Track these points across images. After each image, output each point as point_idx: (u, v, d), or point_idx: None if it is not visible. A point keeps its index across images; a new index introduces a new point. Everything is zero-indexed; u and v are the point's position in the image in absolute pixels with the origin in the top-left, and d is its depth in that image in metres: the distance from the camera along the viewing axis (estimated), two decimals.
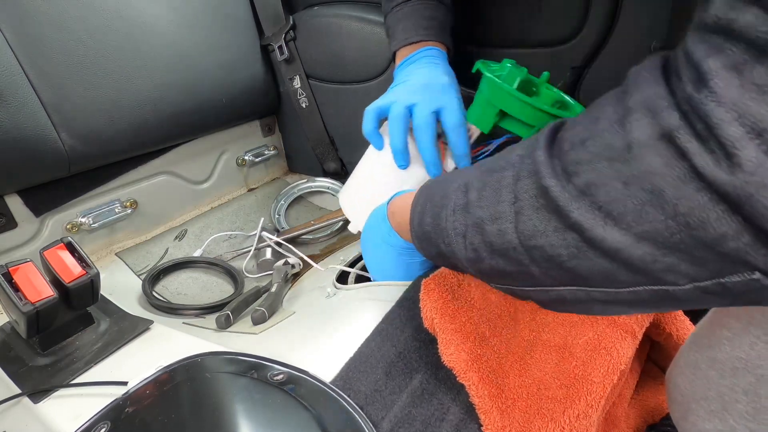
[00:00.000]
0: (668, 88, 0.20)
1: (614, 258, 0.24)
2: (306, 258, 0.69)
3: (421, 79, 0.55)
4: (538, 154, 0.26)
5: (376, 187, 0.57)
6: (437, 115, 0.52)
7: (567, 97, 0.54)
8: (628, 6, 0.62)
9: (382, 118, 0.56)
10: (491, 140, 0.54)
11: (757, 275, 0.19)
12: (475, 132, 0.54)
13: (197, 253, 0.74)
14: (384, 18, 0.66)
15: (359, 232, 0.59)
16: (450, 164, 0.54)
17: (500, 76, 0.50)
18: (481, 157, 0.55)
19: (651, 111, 0.20)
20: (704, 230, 0.19)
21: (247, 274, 0.72)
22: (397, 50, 0.61)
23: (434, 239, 0.35)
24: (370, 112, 0.55)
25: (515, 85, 0.50)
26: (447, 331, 0.37)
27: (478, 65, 0.51)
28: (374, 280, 0.54)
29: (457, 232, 0.32)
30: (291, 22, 0.81)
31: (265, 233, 0.77)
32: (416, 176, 0.54)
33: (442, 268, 0.42)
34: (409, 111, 0.52)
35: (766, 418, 0.29)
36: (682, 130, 0.19)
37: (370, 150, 0.58)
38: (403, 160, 0.53)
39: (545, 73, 0.53)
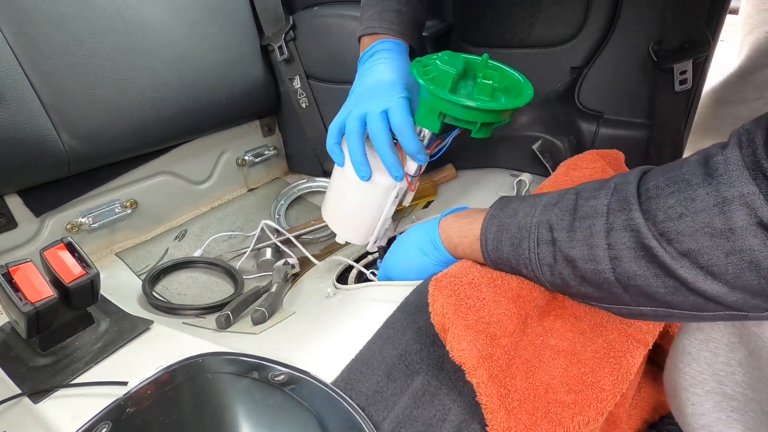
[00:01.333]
0: (759, 188, 0.26)
1: (709, 299, 0.30)
2: (308, 254, 0.69)
3: (371, 80, 0.55)
4: (635, 216, 0.32)
5: (347, 201, 0.57)
6: (386, 116, 0.51)
7: (510, 71, 0.52)
8: (628, 6, 0.63)
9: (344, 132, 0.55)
10: (447, 133, 0.53)
11: None
12: (428, 132, 0.52)
13: (197, 253, 0.74)
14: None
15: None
16: (411, 165, 0.53)
17: (433, 77, 0.48)
18: (440, 152, 0.54)
19: (748, 206, 0.27)
20: None
21: (247, 274, 0.72)
22: (360, 36, 0.61)
23: (514, 264, 0.41)
24: (332, 128, 0.55)
25: (448, 85, 0.48)
26: (459, 327, 0.37)
27: (412, 67, 0.50)
28: (372, 249, 0.55)
29: (543, 263, 0.38)
30: (291, 22, 0.81)
31: (269, 222, 0.77)
32: (381, 184, 0.54)
33: (451, 269, 0.42)
34: (363, 120, 0.51)
35: (760, 386, 0.35)
36: None
37: (338, 169, 0.57)
38: (364, 173, 0.52)
39: (484, 55, 0.50)
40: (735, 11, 0.73)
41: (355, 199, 0.56)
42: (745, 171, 0.27)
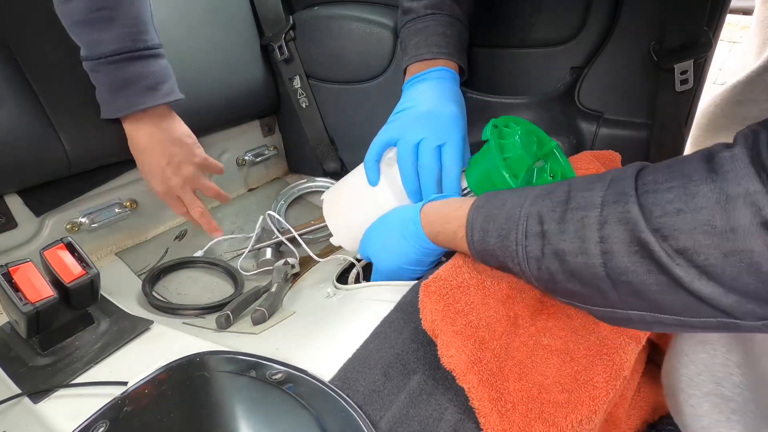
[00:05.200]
0: (764, 187, 0.25)
1: (703, 301, 0.29)
2: (310, 252, 0.69)
3: (427, 105, 0.53)
4: (632, 208, 0.30)
5: (362, 216, 0.56)
6: (440, 150, 0.51)
7: (570, 169, 0.51)
8: (628, 6, 0.62)
9: (385, 149, 0.55)
10: None
11: None
12: (470, 191, 0.52)
13: (199, 254, 0.74)
14: (398, 31, 0.64)
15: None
16: None
17: (508, 158, 0.47)
18: None
19: (753, 205, 0.25)
20: None
21: (247, 274, 0.72)
22: (407, 66, 0.60)
23: (500, 256, 0.39)
24: (376, 145, 0.54)
25: (521, 176, 0.46)
26: (447, 333, 0.37)
27: (490, 134, 0.48)
28: (374, 272, 0.54)
29: (530, 256, 0.36)
30: (291, 22, 0.81)
31: (272, 213, 0.77)
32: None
33: (441, 271, 0.42)
34: (416, 148, 0.51)
35: (758, 387, 0.34)
36: None
37: (361, 175, 0.56)
38: (416, 200, 0.53)
39: (554, 143, 0.49)
40: (748, 11, 0.72)
41: (367, 216, 0.56)
42: (750, 169, 0.26)
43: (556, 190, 0.36)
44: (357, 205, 0.57)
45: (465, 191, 0.52)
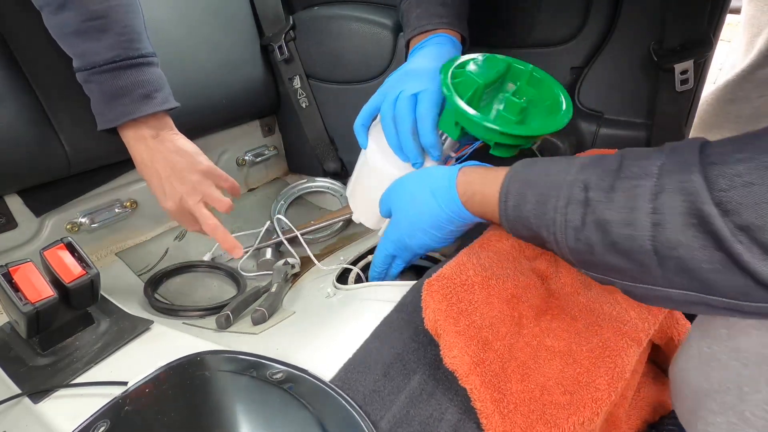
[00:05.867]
0: None
1: (760, 282, 0.26)
2: (310, 254, 0.69)
3: (411, 66, 0.53)
4: (695, 177, 0.28)
5: (364, 184, 0.58)
6: (415, 99, 0.50)
7: (556, 88, 0.48)
8: (628, 6, 0.62)
9: (375, 115, 0.55)
10: (472, 141, 0.51)
11: None
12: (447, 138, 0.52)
13: (207, 257, 0.74)
14: (398, 6, 0.64)
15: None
16: (427, 161, 0.52)
17: (459, 81, 0.46)
18: (463, 158, 0.52)
19: None
20: None
21: (249, 275, 0.72)
22: (410, 39, 0.60)
23: (534, 225, 0.37)
24: (364, 110, 0.55)
25: (467, 94, 0.45)
26: (450, 334, 0.37)
27: (443, 66, 0.47)
28: (389, 229, 0.52)
29: (569, 225, 0.34)
30: (291, 22, 0.81)
31: (281, 217, 0.77)
32: (392, 174, 0.53)
33: (445, 269, 0.41)
34: (395, 101, 0.51)
35: None
36: None
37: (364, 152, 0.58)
38: (400, 154, 0.51)
39: (529, 66, 0.47)
40: (736, 11, 0.73)
41: (371, 185, 0.56)
42: None
43: (606, 158, 0.34)
44: (360, 175, 0.59)
45: (444, 139, 0.52)
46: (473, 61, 0.49)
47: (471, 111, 0.44)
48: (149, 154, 0.58)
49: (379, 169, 0.54)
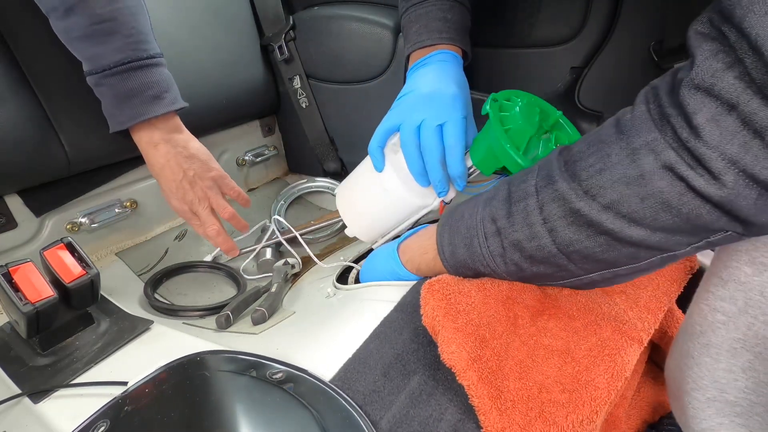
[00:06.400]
0: (662, 134, 0.29)
1: (638, 245, 0.33)
2: (311, 254, 0.69)
3: (428, 88, 0.53)
4: (559, 186, 0.34)
5: (372, 205, 0.57)
6: (441, 130, 0.50)
7: (577, 136, 0.50)
8: (628, 6, 0.62)
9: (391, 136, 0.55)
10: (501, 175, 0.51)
11: (730, 232, 0.30)
12: (475, 169, 0.51)
13: (208, 258, 0.74)
14: (400, 19, 0.63)
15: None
16: (450, 191, 0.52)
17: (509, 129, 0.46)
18: (488, 188, 0.52)
19: (653, 151, 0.29)
20: (699, 219, 0.30)
21: (250, 278, 0.72)
22: (410, 53, 0.59)
23: (471, 264, 0.43)
24: (380, 131, 0.54)
25: (523, 146, 0.46)
26: (448, 330, 0.37)
27: (490, 108, 0.46)
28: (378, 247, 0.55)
29: (494, 254, 0.40)
30: (291, 22, 0.81)
31: (278, 218, 0.77)
32: (413, 202, 0.54)
33: (443, 275, 0.43)
34: (418, 130, 0.51)
35: (765, 390, 0.35)
36: (678, 164, 0.28)
37: (369, 165, 0.56)
38: (423, 182, 0.52)
39: (558, 113, 0.49)
40: None
41: (381, 207, 0.56)
42: (649, 122, 0.30)
43: (498, 191, 0.40)
44: (366, 194, 0.58)
45: (471, 170, 0.52)
46: (516, 104, 0.48)
47: (520, 161, 0.44)
48: (163, 158, 0.58)
49: (394, 193, 0.54)
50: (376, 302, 0.48)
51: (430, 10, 0.58)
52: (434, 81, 0.54)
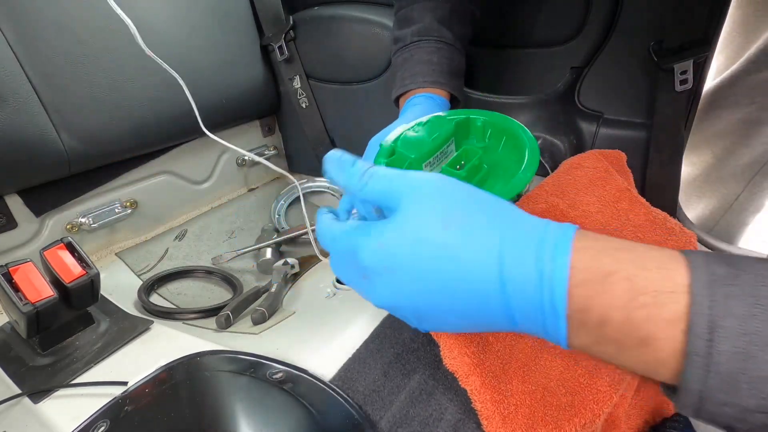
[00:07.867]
0: None
1: None
2: (316, 249, 0.69)
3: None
4: None
5: None
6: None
7: (523, 144, 0.41)
8: (629, 6, 0.62)
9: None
10: None
11: None
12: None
13: (202, 261, 0.74)
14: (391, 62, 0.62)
15: None
16: None
17: (392, 160, 0.40)
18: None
19: None
20: None
21: (247, 275, 0.72)
22: (397, 98, 0.58)
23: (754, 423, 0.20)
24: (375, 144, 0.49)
25: (382, 161, 0.40)
26: (449, 335, 0.37)
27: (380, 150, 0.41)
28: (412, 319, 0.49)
29: None
30: (291, 22, 0.81)
31: (271, 223, 0.77)
32: None
33: None
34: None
35: None
36: None
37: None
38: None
39: (479, 120, 0.43)
40: None
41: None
42: None
43: None
44: None
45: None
46: (413, 129, 0.42)
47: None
48: None
49: None
50: None
51: (415, 54, 0.56)
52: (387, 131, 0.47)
